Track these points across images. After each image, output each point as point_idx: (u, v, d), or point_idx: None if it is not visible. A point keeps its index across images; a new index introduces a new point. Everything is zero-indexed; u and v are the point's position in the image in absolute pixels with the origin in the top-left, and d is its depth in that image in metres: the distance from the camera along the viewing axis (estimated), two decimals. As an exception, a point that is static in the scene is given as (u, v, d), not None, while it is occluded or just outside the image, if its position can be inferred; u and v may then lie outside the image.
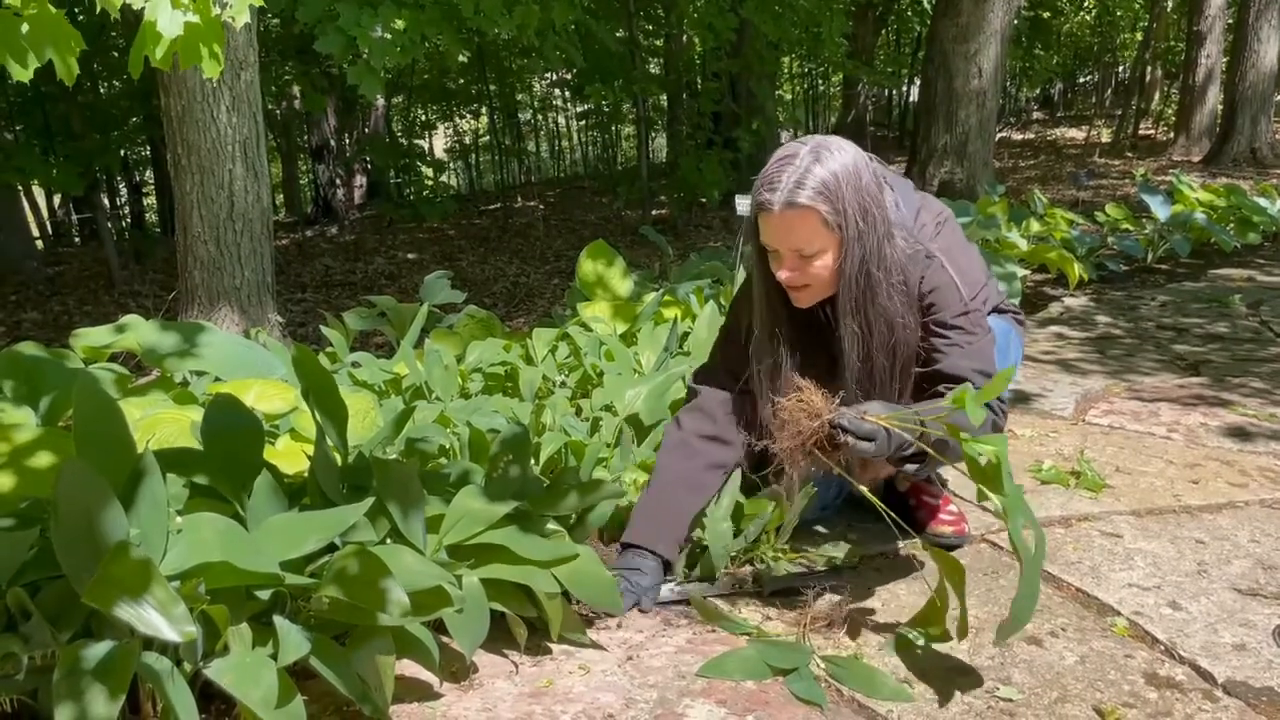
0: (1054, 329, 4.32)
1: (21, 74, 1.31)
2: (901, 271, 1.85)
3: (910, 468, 1.87)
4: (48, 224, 11.18)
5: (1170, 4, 15.88)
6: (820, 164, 1.76)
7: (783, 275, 1.84)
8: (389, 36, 4.94)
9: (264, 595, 1.46)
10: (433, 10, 5.26)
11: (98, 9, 1.33)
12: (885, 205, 1.84)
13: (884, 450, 1.74)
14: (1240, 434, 2.86)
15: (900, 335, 1.87)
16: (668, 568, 1.97)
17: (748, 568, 2.02)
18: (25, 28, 1.28)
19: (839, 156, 1.77)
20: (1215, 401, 3.17)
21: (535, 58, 8.46)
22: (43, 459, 1.63)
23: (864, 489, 1.85)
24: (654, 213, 9.68)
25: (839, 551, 2.08)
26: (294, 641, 1.33)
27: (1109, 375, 3.54)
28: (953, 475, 2.54)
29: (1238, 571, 2.00)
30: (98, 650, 1.26)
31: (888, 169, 1.96)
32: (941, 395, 1.84)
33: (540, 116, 17.47)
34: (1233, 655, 1.69)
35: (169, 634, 1.20)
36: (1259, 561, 2.05)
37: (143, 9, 1.35)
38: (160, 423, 2.00)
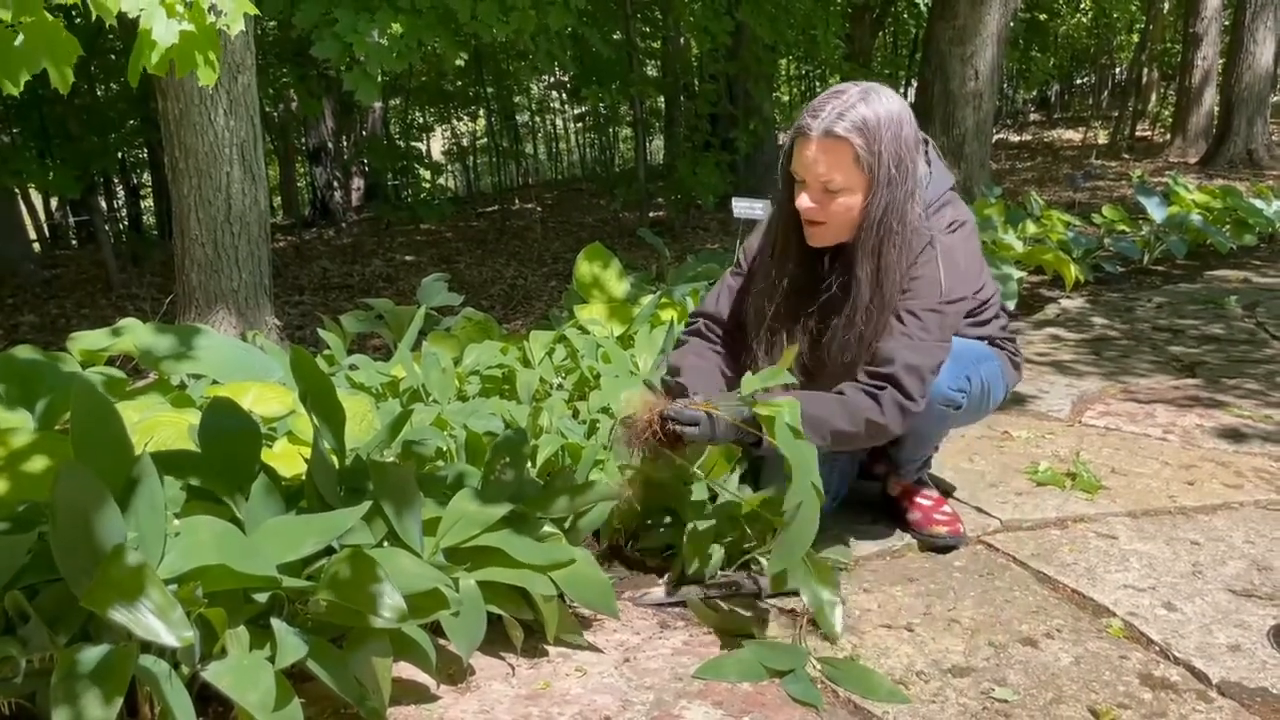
0: (1050, 330, 4.33)
1: (12, 89, 1.31)
2: (909, 242, 1.88)
3: (755, 450, 1.89)
4: (45, 226, 11.17)
5: (1167, 6, 15.90)
6: (866, 103, 1.80)
7: (803, 204, 1.87)
8: (385, 42, 4.94)
9: (261, 598, 1.47)
10: (430, 15, 5.26)
11: (93, 16, 1.33)
12: (919, 166, 1.88)
13: (708, 433, 1.79)
14: (1236, 435, 2.87)
15: (886, 299, 1.88)
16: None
17: (743, 572, 2.03)
18: (20, 38, 1.28)
19: (886, 102, 1.82)
20: (1211, 403, 3.18)
21: (529, 64, 8.47)
22: (40, 462, 1.63)
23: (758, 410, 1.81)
24: (651, 215, 9.68)
25: (840, 556, 2.09)
26: (291, 644, 1.34)
27: (1105, 377, 3.54)
28: (950, 476, 2.55)
29: (1233, 572, 2.01)
30: (96, 653, 1.27)
31: (937, 152, 1.99)
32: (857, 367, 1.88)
33: (538, 119, 17.47)
34: (1227, 656, 1.70)
35: (166, 637, 1.21)
36: (1254, 562, 2.05)
37: (138, 17, 1.35)
38: (158, 426, 2.00)
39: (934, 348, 1.88)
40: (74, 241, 11.78)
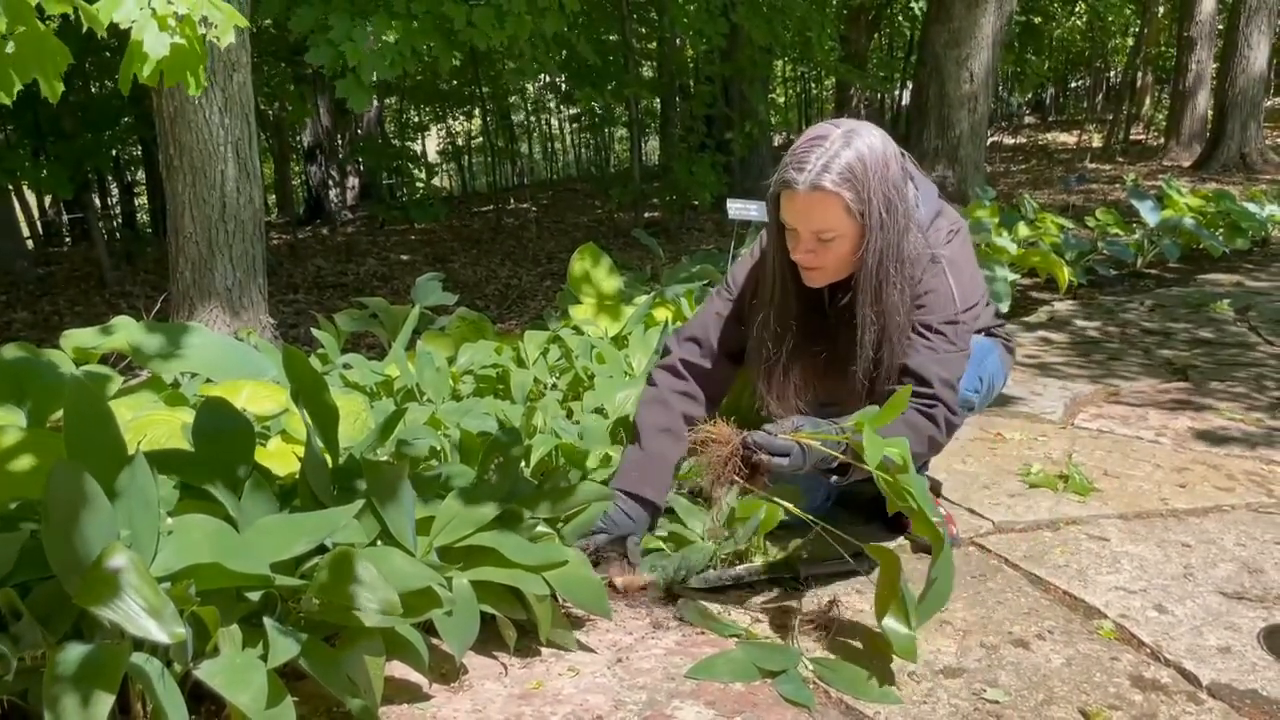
0: (1043, 333, 4.34)
1: (4, 98, 1.31)
2: (910, 267, 1.88)
3: (834, 479, 1.88)
4: (39, 224, 11.14)
5: (1161, 10, 15.95)
6: (850, 149, 1.78)
7: (798, 255, 1.87)
8: (379, 49, 4.93)
9: (254, 597, 1.46)
10: (425, 21, 5.26)
11: (84, 28, 1.33)
12: (908, 199, 1.88)
13: (799, 464, 1.77)
14: (1227, 438, 2.88)
15: (895, 332, 1.90)
16: (655, 514, 2.03)
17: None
18: (11, 47, 1.28)
19: (870, 143, 1.80)
20: (1203, 406, 3.19)
21: (514, 70, 8.45)
22: (32, 460, 1.62)
23: (879, 473, 1.77)
24: (646, 215, 9.69)
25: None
26: (283, 643, 1.33)
27: (1098, 379, 3.55)
28: (943, 478, 2.55)
29: (1223, 575, 2.02)
30: (88, 651, 1.26)
31: (915, 166, 1.99)
32: (893, 391, 1.86)
33: (533, 118, 17.47)
34: (1218, 658, 1.71)
35: (158, 635, 1.20)
36: (1245, 565, 2.06)
37: (130, 28, 1.36)
38: (151, 424, 2.00)
39: (958, 358, 1.93)
40: (68, 239, 11.76)
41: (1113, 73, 22.50)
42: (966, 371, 2.00)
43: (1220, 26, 12.65)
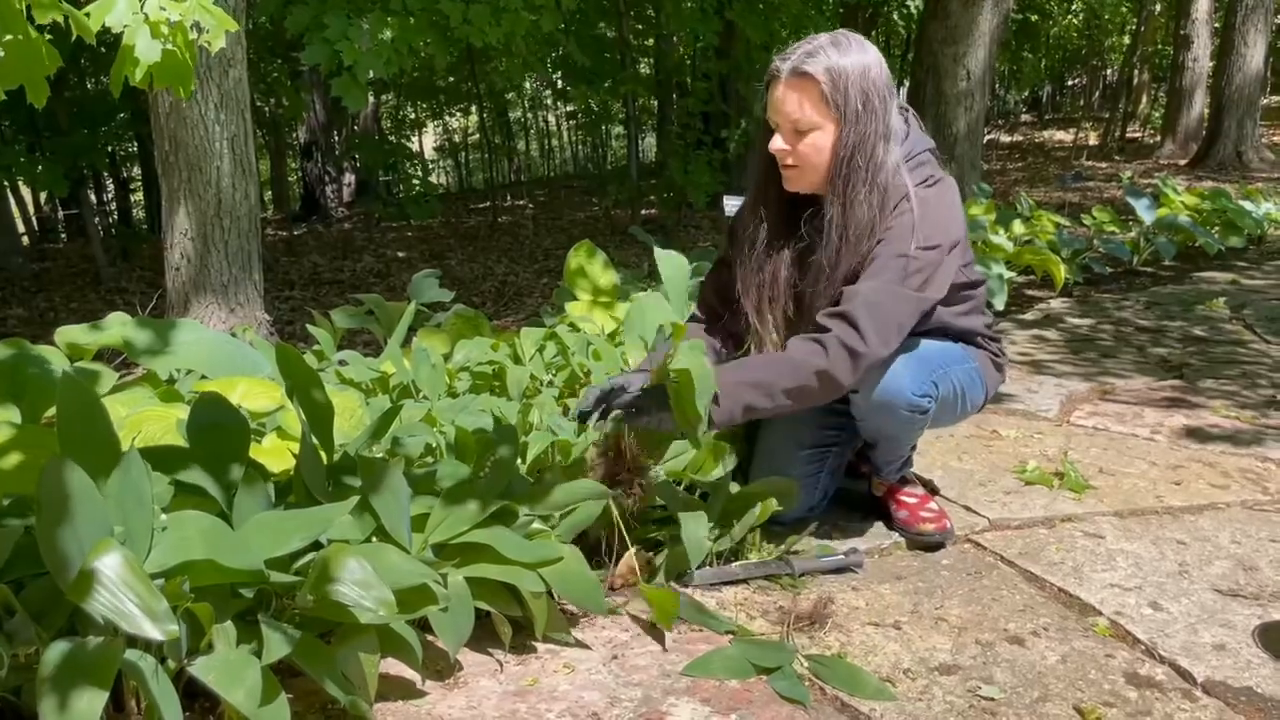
0: (1039, 330, 4.34)
1: None
2: (883, 192, 1.89)
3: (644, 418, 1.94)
4: (34, 220, 11.12)
5: (1158, 8, 15.95)
6: (835, 47, 1.87)
7: (774, 146, 1.93)
8: (374, 47, 4.92)
9: (249, 593, 1.46)
10: (421, 18, 5.24)
11: (73, 35, 1.33)
12: (891, 113, 1.91)
13: (587, 405, 1.95)
14: (1222, 436, 2.88)
15: (857, 245, 1.91)
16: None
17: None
18: (0, 54, 1.27)
19: (855, 48, 1.88)
20: (1198, 404, 3.19)
21: (503, 71, 8.44)
22: (25, 457, 1.62)
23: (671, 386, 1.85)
24: (643, 213, 9.68)
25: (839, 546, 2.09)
26: (277, 640, 1.33)
27: (1093, 377, 3.56)
28: (939, 475, 2.56)
29: (1218, 572, 2.02)
30: (82, 648, 1.26)
31: (917, 120, 2.02)
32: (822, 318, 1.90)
33: (530, 115, 17.46)
34: (1212, 655, 1.71)
35: (152, 632, 1.20)
36: (1239, 562, 2.06)
37: (122, 32, 1.36)
38: (145, 420, 1.99)
39: (901, 293, 1.86)
40: (63, 235, 11.73)
41: (1109, 71, 22.52)
42: (916, 371, 1.96)
43: (1217, 25, 12.66)
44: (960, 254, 1.98)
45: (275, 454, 1.97)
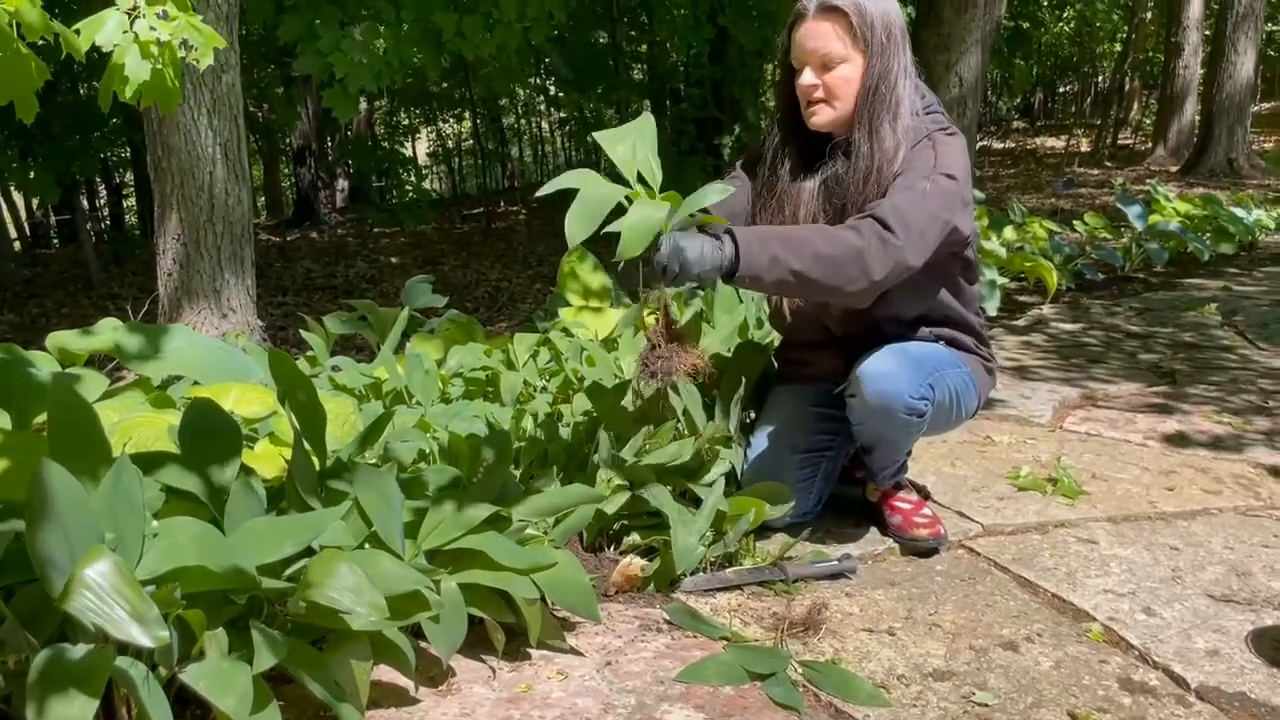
0: (1032, 336, 4.35)
1: None
2: (905, 125, 1.98)
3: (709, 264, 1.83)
4: (26, 225, 11.09)
5: (1149, 15, 16.04)
6: None
7: (803, 81, 1.99)
8: (366, 60, 4.92)
9: (241, 600, 1.45)
10: (414, 29, 5.24)
11: (63, 54, 1.34)
12: (909, 52, 2.01)
13: (674, 254, 1.75)
14: (1215, 441, 2.89)
15: (882, 171, 1.97)
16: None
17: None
18: None
19: None
20: (1190, 409, 3.20)
21: (498, 80, 8.46)
22: (16, 462, 1.61)
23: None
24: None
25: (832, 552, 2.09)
26: (269, 647, 1.32)
27: (1086, 382, 3.56)
28: (932, 480, 2.56)
29: (1211, 578, 2.02)
30: (72, 655, 1.25)
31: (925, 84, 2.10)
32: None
33: (523, 121, 17.46)
34: (1206, 661, 1.71)
35: (142, 639, 1.19)
36: (1232, 568, 2.07)
37: (112, 51, 1.37)
38: (137, 426, 1.99)
39: (922, 204, 1.89)
40: (55, 240, 11.70)
41: (1101, 78, 22.61)
42: (914, 376, 1.97)
43: (1207, 32, 12.72)
44: (969, 214, 2.03)
45: (268, 460, 1.96)
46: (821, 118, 2.03)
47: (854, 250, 1.82)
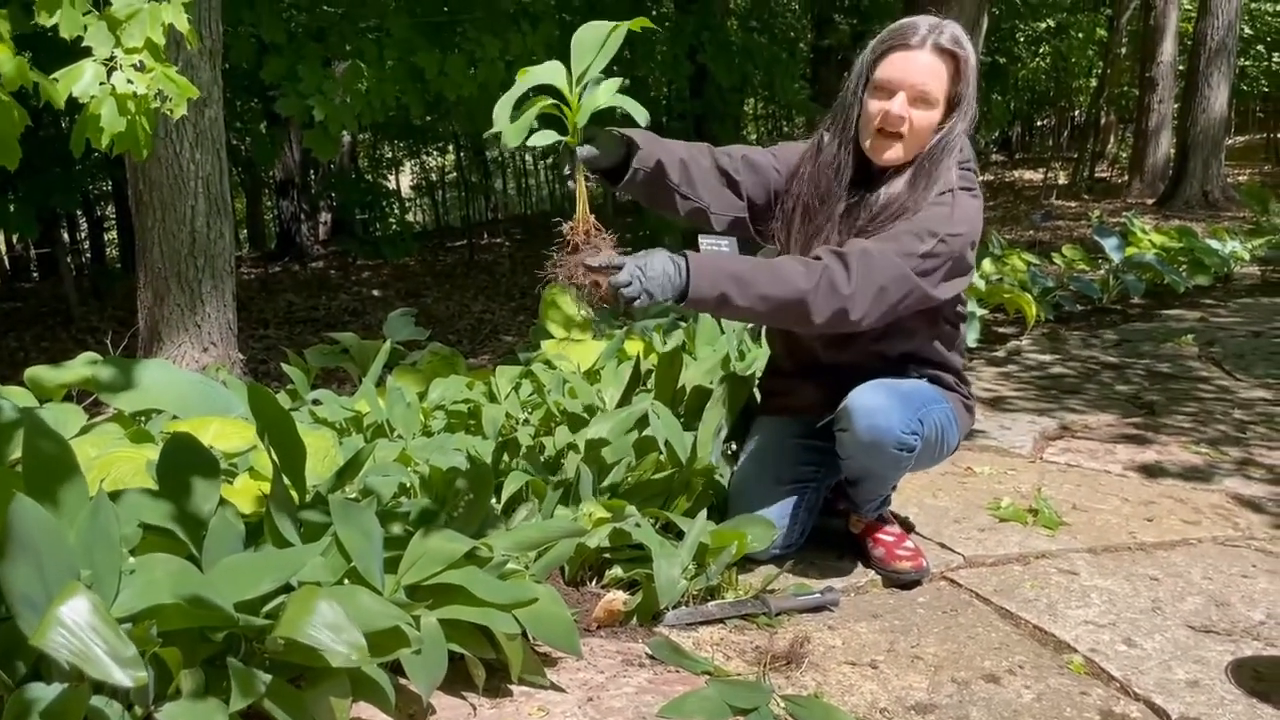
0: (1010, 368, 4.38)
1: None
2: (942, 177, 1.97)
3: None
4: (5, 259, 11.03)
5: (1123, 51, 16.30)
6: (953, 26, 1.95)
7: (893, 108, 1.94)
8: (350, 100, 4.95)
9: (218, 637, 1.44)
10: (398, 68, 5.28)
11: (42, 102, 1.35)
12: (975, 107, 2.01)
13: (637, 294, 1.79)
14: (1193, 472, 2.91)
15: (892, 218, 1.96)
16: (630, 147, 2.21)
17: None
18: None
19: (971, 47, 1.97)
20: (1169, 440, 3.22)
21: (476, 116, 8.52)
22: (-8, 498, 1.60)
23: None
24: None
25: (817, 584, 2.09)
26: (246, 684, 1.31)
27: (1066, 413, 3.59)
28: (914, 512, 2.56)
29: (1191, 609, 2.03)
30: (47, 693, 1.24)
31: None
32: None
33: (507, 154, 17.53)
34: (1186, 692, 1.71)
35: (119, 677, 1.18)
36: (1212, 599, 2.08)
37: (88, 101, 1.39)
38: (115, 462, 1.97)
39: (897, 261, 1.87)
40: (35, 274, 11.64)
41: (1077, 112, 22.93)
42: (904, 411, 1.98)
43: (1181, 68, 12.94)
44: (968, 277, 2.04)
45: (246, 495, 1.95)
46: (892, 153, 1.98)
47: (799, 295, 1.81)
